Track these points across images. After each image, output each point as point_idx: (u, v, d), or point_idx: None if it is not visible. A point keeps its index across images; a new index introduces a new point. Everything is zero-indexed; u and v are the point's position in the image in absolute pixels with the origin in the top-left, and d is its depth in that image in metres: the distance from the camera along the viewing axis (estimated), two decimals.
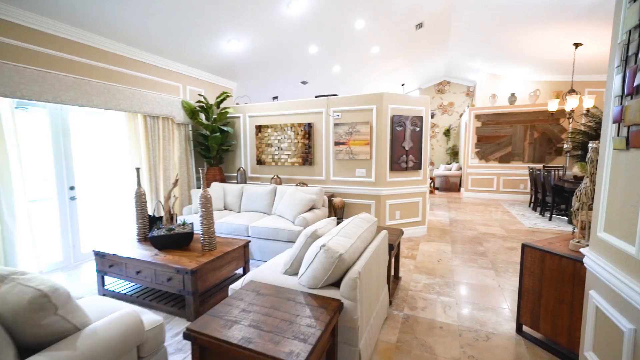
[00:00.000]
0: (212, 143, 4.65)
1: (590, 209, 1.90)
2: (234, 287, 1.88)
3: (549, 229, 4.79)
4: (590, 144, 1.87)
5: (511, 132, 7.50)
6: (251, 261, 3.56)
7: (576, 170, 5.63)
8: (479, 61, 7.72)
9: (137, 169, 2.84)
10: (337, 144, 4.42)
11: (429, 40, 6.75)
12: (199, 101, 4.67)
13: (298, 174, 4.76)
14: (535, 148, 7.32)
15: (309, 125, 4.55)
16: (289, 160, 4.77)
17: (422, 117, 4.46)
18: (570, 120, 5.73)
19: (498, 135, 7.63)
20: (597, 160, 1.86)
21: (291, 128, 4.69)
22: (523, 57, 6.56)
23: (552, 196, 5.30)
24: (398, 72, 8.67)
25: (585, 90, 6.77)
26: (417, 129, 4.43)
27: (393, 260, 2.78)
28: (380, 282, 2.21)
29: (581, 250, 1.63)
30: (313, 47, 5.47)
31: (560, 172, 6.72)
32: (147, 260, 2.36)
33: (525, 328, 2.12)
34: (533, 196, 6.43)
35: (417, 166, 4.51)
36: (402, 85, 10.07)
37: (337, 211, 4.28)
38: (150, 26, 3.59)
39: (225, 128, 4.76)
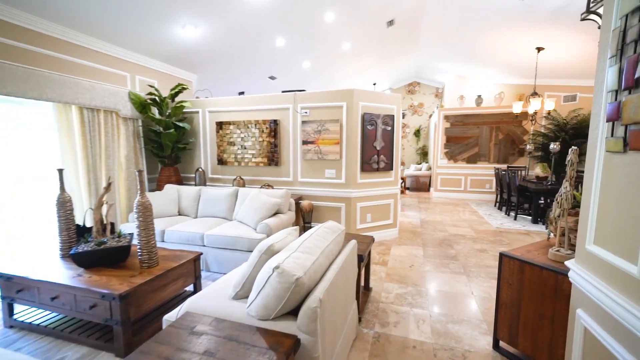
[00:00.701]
0: (165, 140, 4.16)
1: (571, 215, 1.77)
2: (169, 317, 1.52)
3: (515, 229, 4.85)
4: (572, 147, 1.74)
5: (478, 133, 7.66)
6: (207, 273, 3.17)
7: (538, 170, 5.80)
8: (448, 63, 7.79)
9: (60, 171, 2.35)
10: (305, 142, 4.13)
11: (400, 39, 6.66)
12: (151, 93, 4.15)
13: (263, 174, 4.41)
14: (500, 149, 7.53)
15: (275, 122, 4.22)
16: (254, 160, 4.40)
17: (393, 115, 4.29)
18: (533, 122, 5.90)
19: (466, 136, 7.76)
20: (576, 163, 1.73)
21: (255, 125, 4.32)
22: (489, 59, 6.68)
23: (517, 196, 5.40)
24: (370, 70, 8.55)
25: (545, 94, 7.04)
26: (389, 128, 4.26)
27: (364, 270, 2.54)
28: (349, 300, 1.95)
29: (567, 263, 1.48)
30: (280, 39, 5.13)
31: (523, 172, 6.94)
32: (65, 284, 1.91)
33: (502, 344, 1.97)
34: (498, 196, 6.57)
35: (389, 167, 4.34)
36: (374, 84, 10.00)
37: (305, 215, 3.99)
38: (88, 3, 3.05)
39: (181, 124, 4.28)
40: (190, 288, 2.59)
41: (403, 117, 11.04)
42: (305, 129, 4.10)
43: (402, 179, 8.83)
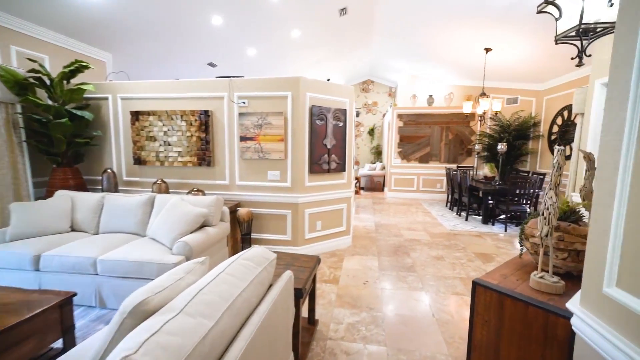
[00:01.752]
0: (56, 133, 3.18)
1: (557, 230, 1.42)
2: None
3: (467, 231, 4.75)
4: (557, 147, 1.38)
5: (429, 132, 7.66)
6: (103, 312, 2.37)
7: (486, 170, 5.86)
8: (401, 61, 7.67)
9: None
10: (243, 139, 3.48)
11: (353, 31, 6.29)
12: (34, 70, 3.14)
13: (193, 177, 3.65)
14: (450, 149, 7.62)
15: (207, 113, 3.49)
16: (180, 159, 3.62)
17: (346, 110, 3.84)
18: (482, 122, 5.95)
19: (418, 136, 7.72)
20: (562, 167, 1.38)
21: (182, 117, 3.54)
22: (440, 58, 6.64)
23: (468, 197, 5.36)
24: (323, 64, 8.10)
25: (490, 95, 7.25)
26: (341, 123, 3.80)
27: (307, 302, 2.01)
28: (281, 355, 1.40)
29: (570, 306, 1.09)
30: (217, 17, 4.37)
31: (472, 172, 7.06)
32: None
33: None
34: (450, 196, 6.57)
35: (341, 167, 3.88)
36: (328, 80, 9.57)
37: (243, 226, 3.34)
38: None
39: (79, 112, 3.33)
40: (58, 345, 1.81)
41: (357, 116, 10.83)
42: (244, 122, 3.45)
43: (356, 179, 8.56)
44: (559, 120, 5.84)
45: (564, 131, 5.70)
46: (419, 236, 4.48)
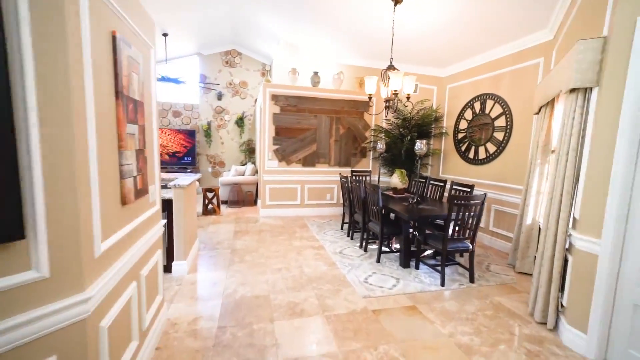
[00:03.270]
0: None
1: None
2: None
3: (391, 295, 2.70)
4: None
5: (316, 124, 5.53)
6: None
7: (395, 179, 4.07)
8: (276, 21, 5.18)
9: None
10: None
11: None
12: None
13: None
14: (341, 147, 5.72)
15: None
16: None
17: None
18: (388, 111, 4.10)
19: (301, 128, 5.47)
20: None
21: None
22: (327, 22, 4.51)
23: (381, 225, 3.36)
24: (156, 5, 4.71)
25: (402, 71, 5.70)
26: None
27: None
28: None
29: None
30: None
31: (369, 179, 5.34)
32: None
33: None
34: (348, 215, 4.57)
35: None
36: (165, 35, 6.15)
37: None
38: None
39: None
40: None
41: (220, 99, 7.80)
42: None
43: (211, 190, 5.61)
44: (469, 114, 4.67)
45: (479, 127, 4.52)
46: (314, 327, 2.10)
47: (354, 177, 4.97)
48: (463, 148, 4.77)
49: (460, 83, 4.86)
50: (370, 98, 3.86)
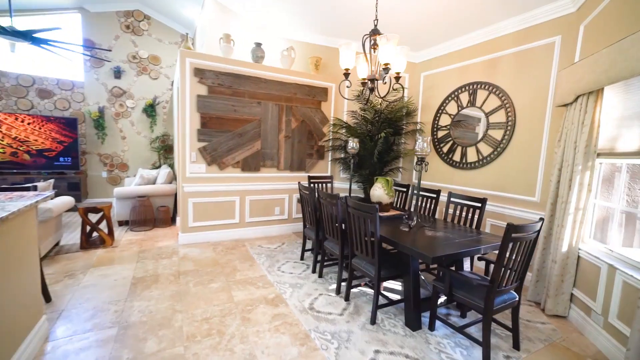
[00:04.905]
0: None
1: None
2: None
3: None
4: None
5: (260, 113, 4.08)
6: None
7: (379, 192, 2.94)
8: None
9: None
10: None
11: None
12: None
13: None
14: (294, 146, 4.40)
15: None
16: None
17: None
18: (371, 91, 2.92)
19: (239, 118, 3.95)
20: None
21: None
22: None
23: (379, 263, 2.17)
24: None
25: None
26: None
27: None
28: None
29: None
30: None
31: (330, 187, 4.16)
32: None
33: None
34: (310, 236, 3.26)
35: None
36: None
37: None
38: None
39: None
40: None
41: (118, 76, 5.64)
42: None
43: (97, 210, 3.67)
44: (453, 107, 3.85)
45: (466, 123, 3.72)
46: None
47: (312, 186, 3.73)
48: (445, 149, 3.94)
49: (440, 70, 4.03)
50: (346, 74, 2.65)
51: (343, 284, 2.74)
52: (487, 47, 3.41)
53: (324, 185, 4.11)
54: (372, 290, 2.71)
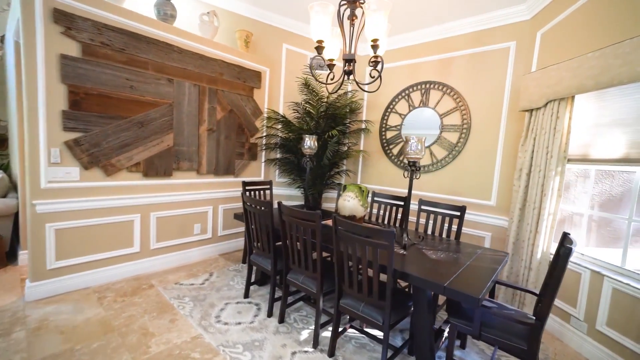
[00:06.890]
0: None
1: None
2: None
3: None
4: None
5: (172, 96, 2.89)
6: None
7: (353, 202, 2.37)
8: None
9: None
10: None
11: None
12: None
13: None
14: (220, 143, 3.36)
15: None
16: None
17: None
18: (349, 74, 2.29)
19: (139, 100, 2.67)
20: None
21: None
22: None
23: (390, 307, 1.59)
24: None
25: (283, 46, 3.83)
26: None
27: None
28: None
29: None
30: None
31: (268, 194, 3.37)
32: None
33: None
34: (270, 271, 2.40)
35: None
36: None
37: None
38: None
39: None
40: None
41: None
42: None
43: None
44: (403, 107, 3.63)
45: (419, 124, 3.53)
46: None
47: (247, 194, 2.89)
48: (395, 150, 3.70)
49: (389, 66, 3.76)
50: (319, 48, 1.99)
51: (322, 330, 2.04)
52: (441, 45, 3.29)
53: (261, 192, 3.28)
54: (361, 334, 2.11)
